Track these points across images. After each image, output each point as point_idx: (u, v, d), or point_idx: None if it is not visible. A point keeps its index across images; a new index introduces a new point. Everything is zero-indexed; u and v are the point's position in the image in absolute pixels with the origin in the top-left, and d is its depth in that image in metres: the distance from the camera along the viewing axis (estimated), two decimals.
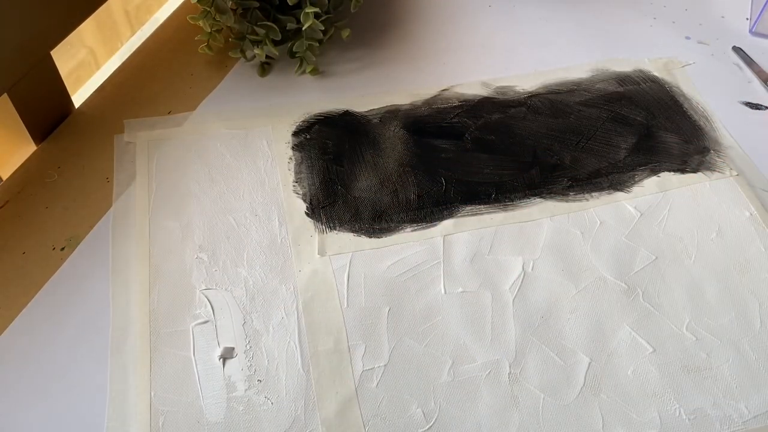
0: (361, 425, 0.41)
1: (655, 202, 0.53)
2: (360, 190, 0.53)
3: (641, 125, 0.58)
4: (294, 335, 0.45)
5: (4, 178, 0.53)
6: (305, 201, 0.52)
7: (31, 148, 0.55)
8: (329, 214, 0.51)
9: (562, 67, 0.63)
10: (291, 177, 0.53)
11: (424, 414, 0.42)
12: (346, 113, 0.58)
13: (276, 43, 0.60)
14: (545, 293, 0.47)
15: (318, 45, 0.60)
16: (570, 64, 0.63)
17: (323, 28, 0.59)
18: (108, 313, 0.45)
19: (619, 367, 0.44)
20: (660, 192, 0.53)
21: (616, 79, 0.62)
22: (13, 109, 0.52)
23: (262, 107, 0.59)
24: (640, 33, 0.67)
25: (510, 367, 0.44)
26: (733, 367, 0.44)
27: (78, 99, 0.59)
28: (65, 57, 0.60)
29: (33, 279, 0.47)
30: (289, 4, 0.58)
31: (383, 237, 0.50)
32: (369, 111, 0.58)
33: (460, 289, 0.47)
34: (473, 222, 0.51)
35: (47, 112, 0.56)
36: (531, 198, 0.53)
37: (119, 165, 0.54)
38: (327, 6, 0.60)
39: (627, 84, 0.61)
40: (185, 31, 0.64)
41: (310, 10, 0.57)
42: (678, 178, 0.54)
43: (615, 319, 0.46)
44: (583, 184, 0.54)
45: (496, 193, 0.53)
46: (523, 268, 0.49)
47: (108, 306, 0.46)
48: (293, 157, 0.55)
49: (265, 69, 0.62)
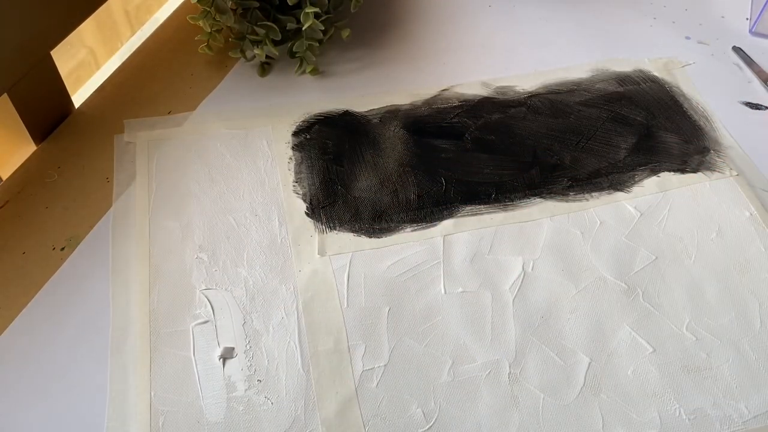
0: (361, 425, 0.41)
1: (655, 202, 0.53)
2: (360, 190, 0.53)
3: (641, 125, 0.58)
4: (294, 335, 0.45)
5: (4, 178, 0.53)
6: (305, 201, 0.52)
7: (31, 148, 0.55)
8: (329, 214, 0.51)
9: (562, 67, 0.63)
10: (291, 177, 0.53)
11: (424, 414, 0.42)
12: (346, 113, 0.58)
13: (276, 43, 0.60)
14: (545, 293, 0.47)
15: (318, 45, 0.60)
16: (570, 64, 0.63)
17: (323, 28, 0.59)
18: (108, 313, 0.45)
19: (619, 367, 0.44)
20: (660, 192, 0.53)
21: (616, 79, 0.62)
22: (13, 109, 0.52)
23: (262, 107, 0.59)
24: (640, 33, 0.67)
25: (510, 367, 0.44)
26: (733, 367, 0.44)
27: (78, 99, 0.59)
28: (65, 57, 0.60)
29: (33, 279, 0.47)
30: (289, 4, 0.58)
31: (383, 237, 0.50)
32: (369, 111, 0.58)
33: (460, 289, 0.47)
34: (473, 222, 0.51)
35: (47, 112, 0.56)
36: (531, 198, 0.53)
37: (119, 165, 0.54)
38: (327, 6, 0.60)
39: (627, 84, 0.61)
40: (185, 31, 0.64)
41: (310, 10, 0.57)
42: (678, 178, 0.54)
43: (615, 319, 0.46)
44: (583, 184, 0.54)
45: (496, 193, 0.53)
46: (523, 268, 0.49)
47: (108, 306, 0.46)
48: (293, 157, 0.55)
49: (265, 69, 0.62)
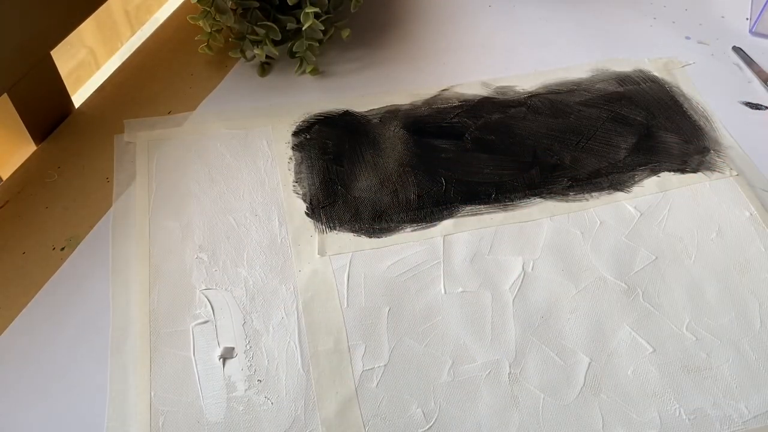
0: (361, 425, 0.41)
1: (655, 202, 0.53)
2: (360, 190, 0.53)
3: (641, 125, 0.58)
4: (294, 335, 0.45)
5: (4, 178, 0.53)
6: (305, 201, 0.52)
7: (31, 148, 0.55)
8: (329, 214, 0.51)
9: (562, 67, 0.63)
10: (291, 177, 0.53)
11: (424, 414, 0.42)
12: (346, 113, 0.58)
13: (276, 43, 0.60)
14: (545, 293, 0.47)
15: (318, 45, 0.60)
16: (570, 64, 0.63)
17: (323, 28, 0.59)
18: (108, 313, 0.45)
19: (619, 367, 0.44)
20: (660, 192, 0.53)
21: (616, 79, 0.62)
22: (13, 109, 0.52)
23: (262, 107, 0.59)
24: (640, 33, 0.67)
25: (510, 367, 0.44)
26: (733, 367, 0.44)
27: (78, 99, 0.59)
28: (65, 57, 0.60)
29: (33, 279, 0.47)
30: (289, 4, 0.58)
31: (383, 237, 0.50)
32: (369, 111, 0.58)
33: (460, 289, 0.47)
34: (473, 222, 0.51)
35: (47, 112, 0.56)
36: (531, 198, 0.52)
37: (119, 165, 0.54)
38: (327, 6, 0.60)
39: (627, 84, 0.61)
40: (185, 31, 0.64)
41: (310, 10, 0.57)
42: (678, 178, 0.54)
43: (615, 319, 0.46)
44: (583, 184, 0.54)
45: (496, 193, 0.53)
46: (523, 268, 0.49)
47: (108, 306, 0.46)
48: (293, 157, 0.55)
49: (265, 69, 0.62)
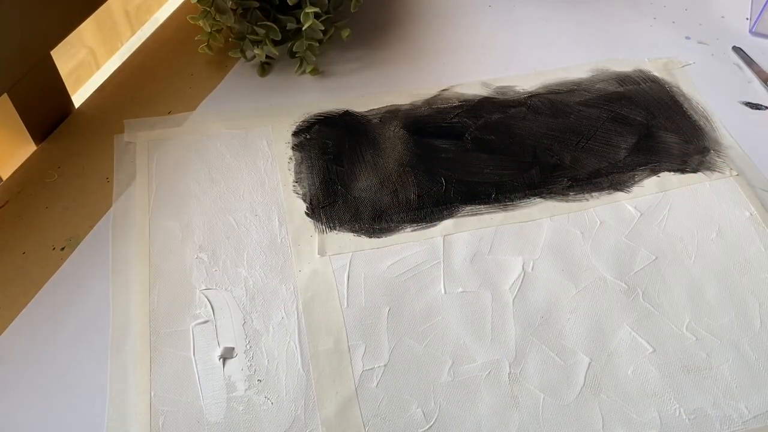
0: (361, 425, 0.41)
1: (655, 202, 0.53)
2: (360, 190, 0.53)
3: (641, 125, 0.58)
4: (294, 335, 0.45)
5: (4, 178, 0.53)
6: (305, 201, 0.52)
7: (31, 148, 0.55)
8: (329, 214, 0.51)
9: (562, 67, 0.63)
10: (291, 177, 0.53)
11: (424, 414, 0.42)
12: (346, 113, 0.58)
13: (276, 43, 0.60)
14: (545, 293, 0.47)
15: (318, 45, 0.60)
16: (570, 64, 0.63)
17: (323, 28, 0.59)
18: (108, 313, 0.45)
19: (619, 367, 0.44)
20: (660, 192, 0.53)
21: (616, 79, 0.62)
22: (13, 109, 0.52)
23: (262, 107, 0.59)
24: (640, 33, 0.67)
25: (510, 367, 0.44)
26: (733, 367, 0.44)
27: (78, 99, 0.59)
28: (65, 57, 0.60)
29: (33, 279, 0.47)
30: (289, 4, 0.58)
31: (383, 237, 0.50)
32: (369, 111, 0.58)
33: (460, 289, 0.47)
34: (473, 222, 0.51)
35: (47, 112, 0.56)
36: (531, 198, 0.52)
37: (119, 165, 0.54)
38: (327, 6, 0.60)
39: (627, 84, 0.61)
40: (185, 31, 0.64)
41: (310, 10, 0.57)
42: (678, 178, 0.54)
43: (615, 319, 0.46)
44: (583, 184, 0.54)
45: (496, 193, 0.53)
46: (523, 268, 0.49)
47: (108, 306, 0.46)
48: (293, 157, 0.55)
49: (265, 69, 0.62)
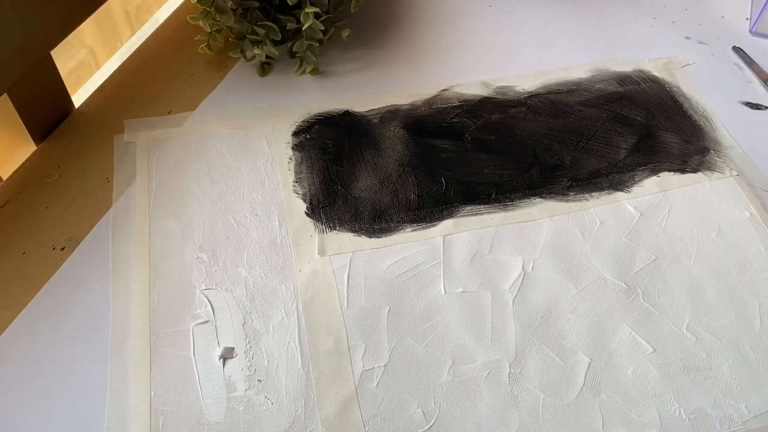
0: (361, 425, 0.41)
1: (655, 202, 0.53)
2: (360, 190, 0.53)
3: (641, 125, 0.58)
4: (294, 335, 0.45)
5: (4, 178, 0.53)
6: (305, 201, 0.52)
7: (31, 148, 0.55)
8: (329, 214, 0.51)
9: (562, 67, 0.63)
10: (291, 177, 0.53)
11: (424, 414, 0.42)
12: (346, 113, 0.58)
13: (276, 43, 0.60)
14: (545, 293, 0.47)
15: (318, 45, 0.60)
16: (570, 64, 0.63)
17: (323, 28, 0.59)
18: (108, 313, 0.45)
19: (619, 367, 0.44)
20: (660, 192, 0.53)
21: (616, 79, 0.62)
22: (13, 109, 0.52)
23: (262, 107, 0.59)
24: (640, 33, 0.67)
25: (510, 367, 0.44)
26: (733, 367, 0.44)
27: (78, 99, 0.59)
28: (65, 57, 0.60)
29: (33, 279, 0.47)
30: (289, 4, 0.58)
31: (383, 237, 0.50)
32: (369, 111, 0.58)
33: (460, 289, 0.47)
34: (473, 222, 0.51)
35: (47, 112, 0.56)
36: (531, 198, 0.52)
37: (119, 165, 0.54)
38: (327, 6, 0.60)
39: (627, 84, 0.61)
40: (185, 31, 0.64)
41: (310, 10, 0.57)
42: (678, 178, 0.54)
43: (615, 319, 0.46)
44: (583, 184, 0.54)
45: (496, 193, 0.53)
46: (523, 268, 0.49)
47: (108, 306, 0.46)
48: (293, 157, 0.55)
49: (265, 69, 0.62)
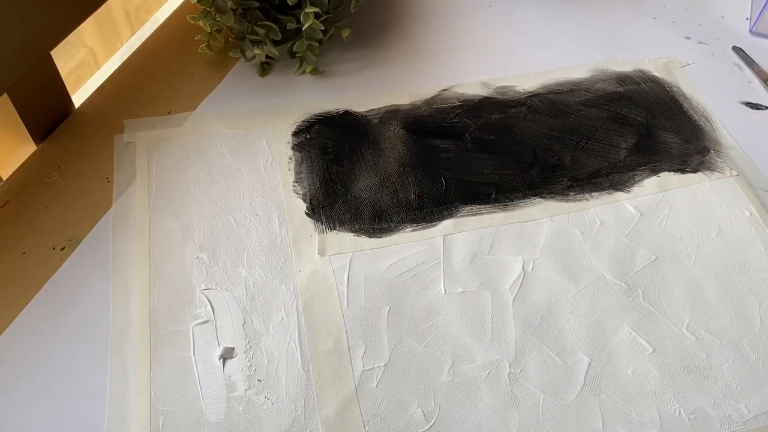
0: (361, 425, 0.41)
1: (655, 202, 0.53)
2: (360, 190, 0.53)
3: (641, 125, 0.58)
4: (294, 335, 0.45)
5: (4, 178, 0.53)
6: (305, 201, 0.52)
7: (31, 148, 0.55)
8: (329, 214, 0.51)
9: (562, 67, 0.63)
10: (291, 177, 0.53)
11: (424, 414, 0.42)
12: (346, 113, 0.58)
13: (276, 43, 0.60)
14: (545, 293, 0.47)
15: (318, 45, 0.60)
16: (570, 64, 0.63)
17: (323, 28, 0.59)
18: (108, 313, 0.45)
19: (619, 367, 0.44)
20: (660, 192, 0.53)
21: (616, 79, 0.62)
22: (13, 109, 0.52)
23: (262, 107, 0.59)
24: (640, 33, 0.67)
25: (510, 367, 0.44)
26: (733, 367, 0.44)
27: (78, 99, 0.59)
28: (65, 57, 0.60)
29: (33, 279, 0.47)
30: (289, 4, 0.58)
31: (383, 237, 0.50)
32: (369, 111, 0.58)
33: (460, 289, 0.47)
34: (473, 222, 0.51)
35: (47, 112, 0.56)
36: (531, 198, 0.53)
37: (119, 165, 0.54)
38: (327, 6, 0.60)
39: (627, 84, 0.61)
40: (185, 31, 0.64)
41: (310, 10, 0.57)
42: (678, 178, 0.54)
43: (615, 319, 0.46)
44: (583, 184, 0.54)
45: (496, 193, 0.53)
46: (523, 268, 0.49)
47: (108, 306, 0.46)
48: (293, 157, 0.55)
49: (265, 69, 0.62)
